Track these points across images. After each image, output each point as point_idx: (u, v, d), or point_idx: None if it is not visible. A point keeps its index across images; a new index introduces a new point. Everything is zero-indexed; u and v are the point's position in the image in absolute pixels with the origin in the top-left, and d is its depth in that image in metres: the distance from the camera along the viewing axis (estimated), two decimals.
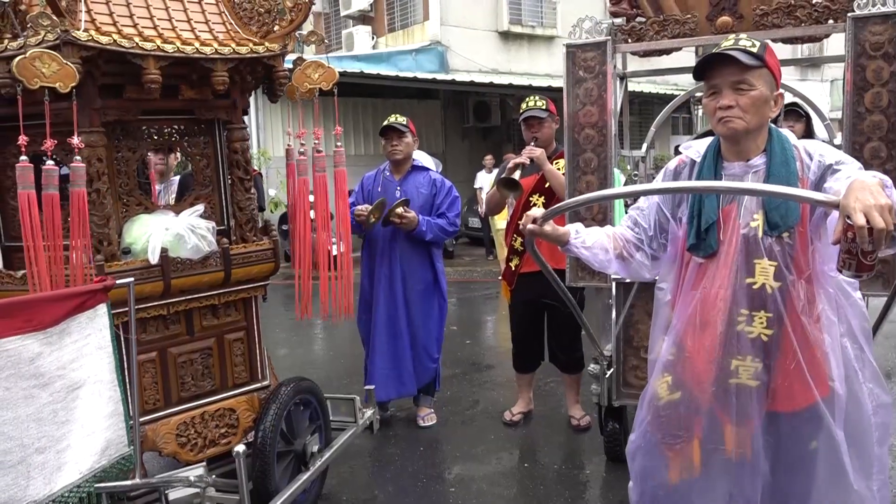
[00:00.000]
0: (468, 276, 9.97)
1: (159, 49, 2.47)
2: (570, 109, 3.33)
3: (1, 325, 1.90)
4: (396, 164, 4.14)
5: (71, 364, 2.05)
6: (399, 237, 4.05)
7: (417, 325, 4.11)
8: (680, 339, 1.95)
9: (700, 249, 1.95)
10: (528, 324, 4.16)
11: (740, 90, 1.88)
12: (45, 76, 2.17)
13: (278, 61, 2.83)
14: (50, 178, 2.25)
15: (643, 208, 2.15)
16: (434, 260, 4.16)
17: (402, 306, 4.08)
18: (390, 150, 4.08)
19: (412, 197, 4.07)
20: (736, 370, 1.89)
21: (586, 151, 3.33)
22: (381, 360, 4.10)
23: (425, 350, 4.14)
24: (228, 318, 2.93)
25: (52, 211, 2.24)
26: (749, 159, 1.96)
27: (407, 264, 4.08)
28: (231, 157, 2.92)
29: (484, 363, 5.66)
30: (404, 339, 4.10)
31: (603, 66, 3.26)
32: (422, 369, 4.16)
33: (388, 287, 4.07)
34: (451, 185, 4.19)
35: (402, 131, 4.05)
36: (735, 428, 1.89)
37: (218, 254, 2.77)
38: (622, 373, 3.40)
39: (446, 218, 4.08)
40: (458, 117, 14.08)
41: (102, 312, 2.14)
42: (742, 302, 1.88)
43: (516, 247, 4.06)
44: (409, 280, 4.08)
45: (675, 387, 1.96)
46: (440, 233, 4.05)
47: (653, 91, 14.16)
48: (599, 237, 2.11)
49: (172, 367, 2.76)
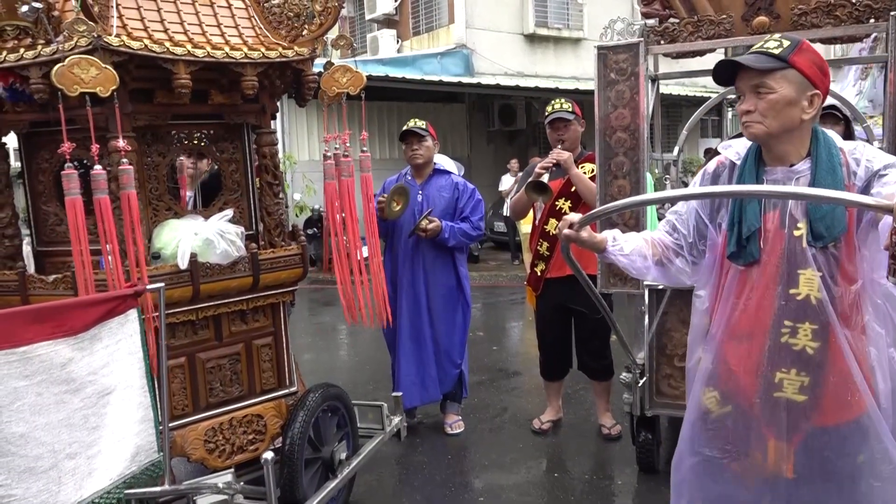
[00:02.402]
0: (494, 281, 9.94)
1: (190, 54, 2.49)
2: (602, 112, 3.29)
3: (33, 330, 1.91)
4: (418, 169, 4.14)
5: (102, 369, 2.06)
6: (421, 242, 4.05)
7: (441, 331, 4.10)
8: (721, 351, 1.91)
9: (741, 258, 1.91)
10: (556, 330, 4.13)
11: (759, 93, 1.85)
12: (84, 82, 2.19)
13: (307, 65, 2.83)
14: (97, 182, 2.27)
15: (681, 213, 2.11)
16: (457, 264, 4.15)
17: (426, 312, 4.08)
18: (411, 154, 4.09)
19: (434, 201, 4.07)
20: (780, 383, 1.84)
21: (618, 155, 3.30)
22: (406, 367, 4.09)
23: (447, 355, 4.13)
24: (256, 324, 2.93)
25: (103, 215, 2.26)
26: (792, 164, 1.91)
27: (430, 269, 4.07)
28: (260, 162, 2.93)
29: (511, 369, 5.63)
30: (428, 346, 4.09)
31: (635, 68, 3.23)
32: (445, 375, 4.14)
33: (411, 293, 4.07)
34: (473, 188, 4.18)
35: (422, 135, 4.06)
36: (778, 443, 1.85)
37: (246, 259, 2.78)
38: (655, 382, 3.35)
39: (469, 222, 4.07)
40: (484, 121, 14.06)
41: (133, 318, 2.15)
42: (786, 313, 1.83)
43: (542, 252, 4.03)
44: (432, 285, 4.07)
45: (725, 401, 1.92)
46: (463, 238, 4.04)
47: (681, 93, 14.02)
48: (637, 244, 2.07)
49: (201, 372, 2.77)
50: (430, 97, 12.83)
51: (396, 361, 4.15)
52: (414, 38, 14.37)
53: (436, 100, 13.09)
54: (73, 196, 2.25)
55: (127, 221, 2.33)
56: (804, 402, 1.84)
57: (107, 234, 2.28)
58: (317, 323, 7.74)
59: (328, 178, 2.99)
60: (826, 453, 1.84)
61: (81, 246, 2.25)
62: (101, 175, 2.28)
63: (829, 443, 1.84)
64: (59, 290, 2.52)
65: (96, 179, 2.27)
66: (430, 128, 4.13)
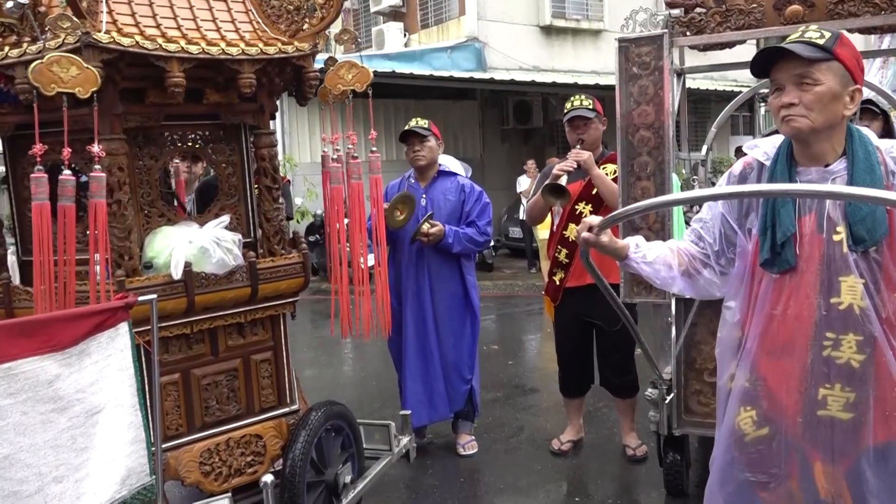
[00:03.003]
0: (509, 291, 9.92)
1: (183, 50, 2.51)
2: (624, 109, 3.29)
3: (18, 345, 1.92)
4: (421, 171, 4.15)
5: (91, 387, 2.07)
6: (426, 249, 4.05)
7: (448, 344, 4.10)
8: (756, 366, 1.90)
9: (775, 265, 1.89)
10: (576, 343, 4.11)
11: (804, 86, 1.83)
12: (63, 81, 2.21)
13: (308, 62, 2.85)
14: (65, 188, 2.28)
15: (706, 220, 2.10)
16: (464, 272, 4.14)
17: (432, 324, 4.07)
18: (412, 156, 4.10)
19: (439, 204, 4.08)
20: (824, 400, 1.82)
21: (642, 155, 3.29)
22: (413, 384, 4.09)
23: (456, 370, 4.12)
24: (255, 337, 2.94)
25: (66, 223, 2.27)
26: (827, 164, 1.90)
27: (435, 279, 4.07)
28: (258, 165, 2.94)
29: (528, 386, 5.61)
30: (435, 360, 4.09)
31: (659, 62, 3.22)
32: (454, 391, 4.14)
33: (416, 304, 4.07)
34: (480, 190, 4.18)
35: (423, 135, 4.06)
36: (825, 466, 1.82)
37: (244, 268, 2.79)
38: (684, 398, 3.33)
39: (476, 227, 4.06)
40: (497, 119, 14.07)
41: (124, 331, 2.16)
42: (827, 324, 1.82)
43: (560, 259, 4.02)
44: (438, 296, 4.07)
45: (763, 421, 1.90)
46: (469, 244, 4.03)
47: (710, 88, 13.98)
48: (662, 252, 2.05)
49: (196, 389, 2.78)
50: (439, 94, 12.86)
51: (402, 378, 4.15)
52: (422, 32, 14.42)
53: (446, 97, 13.11)
54: (39, 201, 2.27)
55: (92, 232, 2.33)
56: (851, 419, 1.81)
57: (66, 243, 2.29)
58: (319, 336, 7.75)
59: (335, 182, 3.00)
60: (882, 474, 1.82)
61: (42, 256, 2.26)
62: (69, 181, 2.30)
63: (886, 462, 1.82)
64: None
65: (63, 185, 2.29)
66: (434, 127, 4.14)
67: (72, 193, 2.29)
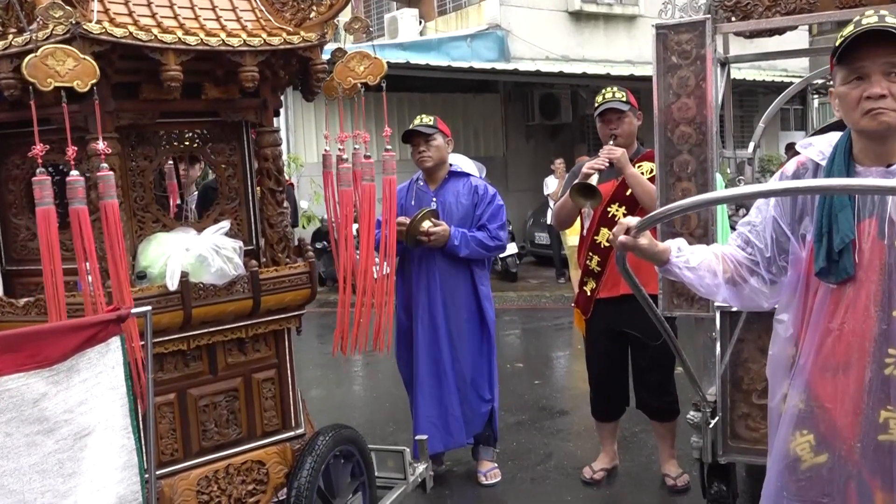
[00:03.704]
0: (535, 303, 9.91)
1: (180, 41, 2.53)
2: (662, 103, 3.29)
3: (3, 360, 1.95)
4: (429, 173, 4.17)
5: (79, 407, 2.09)
6: (437, 257, 4.05)
7: (464, 362, 4.10)
8: (811, 386, 1.89)
9: (832, 274, 1.88)
10: (609, 361, 4.10)
11: (894, 76, 1.81)
12: (59, 75, 2.24)
13: (316, 53, 2.86)
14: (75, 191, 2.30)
15: (756, 223, 2.09)
16: (477, 282, 4.15)
17: (445, 341, 4.07)
18: (418, 157, 4.11)
19: (451, 208, 4.08)
20: (885, 424, 1.81)
21: (682, 153, 3.28)
22: (426, 406, 4.08)
23: (475, 389, 4.12)
24: (257, 355, 2.96)
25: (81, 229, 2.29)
26: (890, 164, 1.88)
27: (448, 291, 4.08)
28: (261, 166, 2.96)
29: (556, 408, 5.60)
30: (449, 380, 4.08)
31: (701, 51, 3.22)
32: (472, 413, 4.13)
33: (427, 318, 4.07)
34: (494, 192, 4.20)
35: (429, 134, 4.07)
36: (885, 495, 1.81)
37: (246, 278, 2.81)
38: (730, 422, 3.31)
39: (486, 230, 4.07)
40: (522, 114, 14.09)
41: (115, 347, 2.18)
42: (889, 340, 1.80)
43: (592, 267, 4.01)
44: (451, 309, 4.08)
45: (821, 447, 1.89)
46: (478, 247, 4.03)
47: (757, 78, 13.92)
48: (706, 256, 2.05)
49: (193, 411, 2.80)
50: (458, 87, 12.89)
51: (414, 400, 4.15)
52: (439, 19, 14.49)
53: (465, 90, 13.15)
54: (45, 206, 2.29)
55: (108, 236, 2.36)
56: None
57: (86, 250, 2.31)
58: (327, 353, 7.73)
59: (344, 185, 3.01)
60: None
61: (54, 265, 2.29)
62: (78, 182, 2.32)
63: None
64: (30, 316, 2.56)
65: (73, 187, 2.31)
66: (441, 123, 4.15)
67: (83, 195, 2.32)
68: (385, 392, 6.18)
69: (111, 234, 2.35)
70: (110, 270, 2.40)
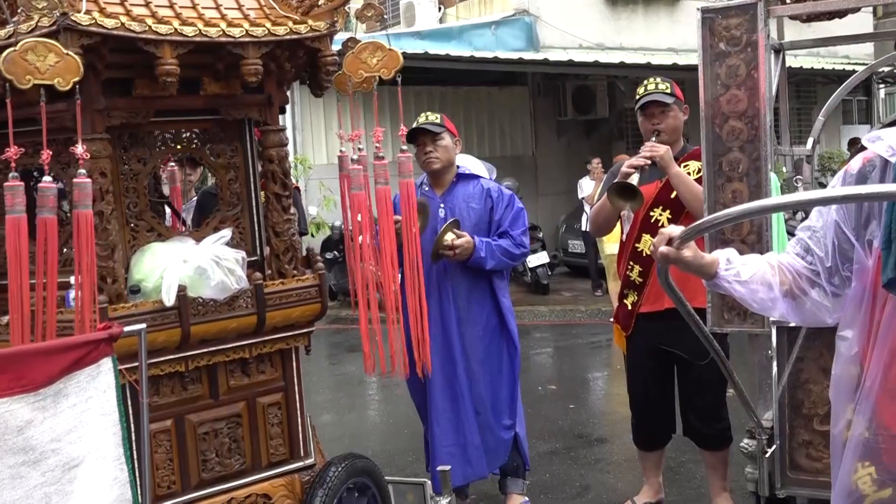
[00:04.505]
0: (569, 318, 9.88)
1: (177, 32, 2.55)
2: (709, 95, 3.28)
3: None
4: (435, 176, 4.17)
5: (68, 435, 2.11)
6: (450, 268, 4.05)
7: (483, 384, 4.07)
8: (878, 410, 1.87)
9: None
10: (653, 383, 4.08)
11: None
12: (40, 72, 2.27)
13: (325, 43, 2.88)
14: (46, 198, 2.33)
15: (816, 228, 2.07)
16: (498, 295, 4.13)
17: (461, 360, 4.05)
18: (424, 158, 4.11)
19: (462, 215, 4.07)
20: None
21: (732, 150, 3.27)
22: (441, 434, 4.05)
23: (495, 415, 4.09)
24: (262, 377, 2.97)
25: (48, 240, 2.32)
26: None
27: (464, 305, 4.06)
28: (265, 168, 2.98)
29: (594, 435, 5.58)
30: (466, 404, 4.05)
31: (752, 36, 3.21)
32: (494, 441, 4.10)
33: (440, 335, 4.04)
34: (511, 194, 4.20)
35: (436, 133, 4.07)
36: None
37: (249, 292, 2.82)
38: (788, 451, 3.29)
39: (510, 237, 4.06)
40: (553, 108, 14.08)
41: (107, 369, 2.19)
42: None
43: (633, 278, 3.99)
44: (468, 325, 4.06)
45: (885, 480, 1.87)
46: (504, 257, 4.02)
47: (815, 67, 13.83)
48: (760, 268, 2.03)
49: (191, 439, 2.81)
50: (482, 79, 12.91)
51: (430, 427, 4.12)
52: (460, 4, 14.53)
53: (490, 82, 13.17)
54: (15, 214, 2.32)
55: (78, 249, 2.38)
56: None
57: (46, 262, 2.33)
58: (339, 374, 7.80)
59: (356, 188, 3.02)
60: None
61: (21, 279, 2.31)
62: (49, 190, 2.35)
63: None
64: None
65: (44, 194, 2.34)
66: (448, 122, 4.16)
67: (54, 204, 2.34)
68: (403, 417, 6.17)
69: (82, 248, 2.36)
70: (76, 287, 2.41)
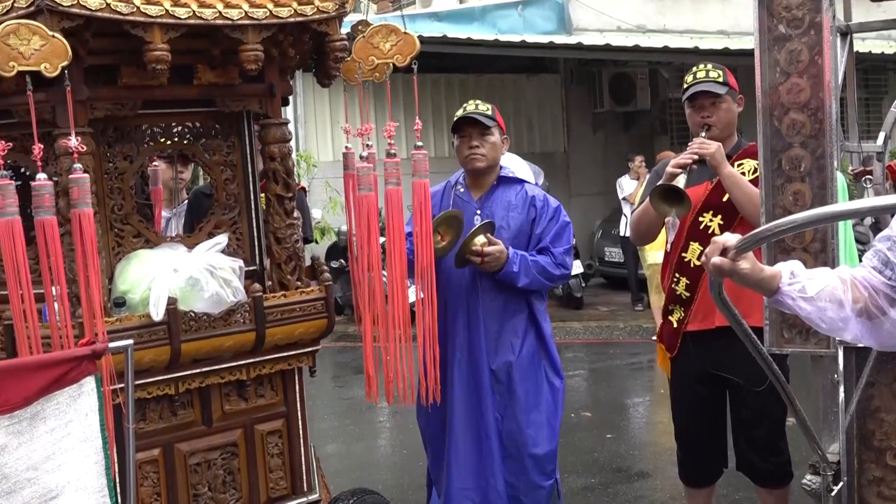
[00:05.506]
0: (606, 336, 9.86)
1: (168, 14, 2.57)
2: (767, 84, 3.27)
3: None
4: (476, 176, 4.09)
5: (45, 463, 2.13)
6: (482, 282, 3.96)
7: (514, 421, 3.96)
8: None
9: None
10: (702, 410, 4.06)
11: None
12: (24, 57, 2.29)
13: (333, 27, 2.89)
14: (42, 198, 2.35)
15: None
16: (538, 318, 4.02)
17: (489, 390, 3.93)
18: (469, 154, 4.01)
19: (499, 224, 3.96)
20: None
21: (793, 147, 3.26)
22: (460, 475, 3.96)
23: (532, 459, 3.98)
24: (261, 401, 2.98)
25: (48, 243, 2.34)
26: None
27: (495, 325, 3.97)
28: (266, 167, 3.00)
29: (635, 469, 5.55)
30: (492, 443, 3.92)
31: (816, 17, 3.20)
32: (527, 487, 3.99)
33: (466, 361, 3.94)
34: (557, 205, 4.09)
35: (486, 126, 4.00)
36: None
37: (247, 306, 2.84)
38: (857, 489, 3.26)
39: (550, 254, 3.96)
40: (588, 99, 14.07)
41: (89, 389, 2.21)
42: None
43: (679, 292, 3.98)
44: (499, 350, 3.96)
45: None
46: (541, 276, 3.92)
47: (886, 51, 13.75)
48: (829, 283, 2.03)
49: (181, 471, 2.82)
50: (507, 66, 12.92)
51: (443, 464, 4.07)
52: None
53: (516, 70, 13.17)
54: (7, 217, 2.35)
55: (80, 253, 2.40)
56: None
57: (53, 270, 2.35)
58: (346, 398, 7.80)
59: (364, 189, 3.03)
60: None
61: (22, 288, 2.33)
62: (45, 188, 2.37)
63: None
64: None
65: (39, 193, 2.36)
66: (498, 115, 4.10)
67: (51, 203, 2.37)
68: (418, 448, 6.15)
69: (85, 251, 2.39)
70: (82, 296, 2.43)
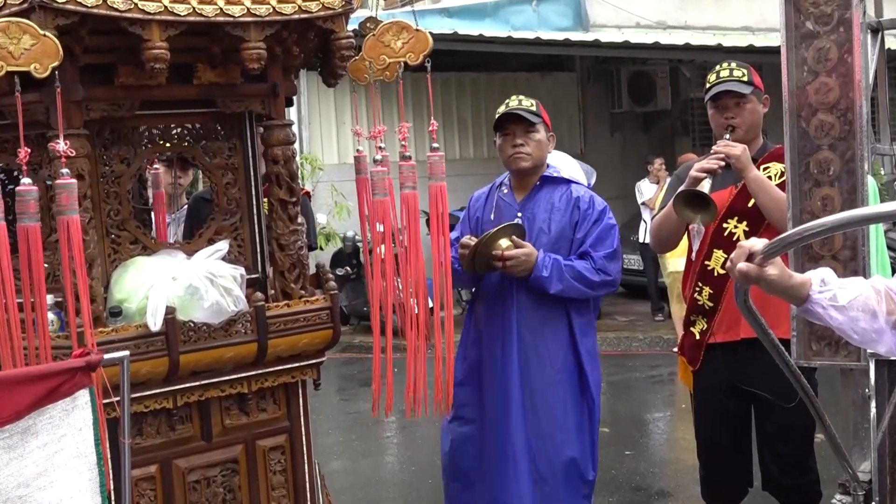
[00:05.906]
0: (624, 347, 9.84)
1: (167, 11, 2.57)
2: (793, 83, 3.27)
3: None
4: (520, 176, 4.02)
5: (37, 480, 2.13)
6: (518, 293, 3.88)
7: (549, 442, 3.92)
8: None
9: None
10: (726, 426, 4.05)
11: None
12: (13, 57, 2.30)
13: (339, 24, 2.89)
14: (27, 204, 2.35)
15: None
16: (577, 332, 3.95)
17: (519, 408, 3.85)
18: (513, 153, 3.94)
19: (540, 227, 3.92)
20: None
21: (821, 149, 3.26)
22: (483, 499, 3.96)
23: (567, 483, 3.85)
24: (263, 415, 2.98)
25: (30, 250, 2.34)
26: None
27: (531, 337, 3.89)
28: (269, 170, 3.00)
29: (655, 487, 5.56)
30: (520, 466, 3.86)
31: (845, 13, 3.20)
32: None
33: (498, 374, 3.91)
34: (604, 206, 4.02)
35: (531, 123, 3.94)
36: None
37: (248, 316, 2.83)
38: None
39: (590, 259, 3.90)
40: (605, 98, 14.06)
41: (84, 402, 2.21)
42: None
43: (702, 302, 3.97)
44: (534, 364, 3.90)
45: None
46: (576, 282, 3.84)
47: None
48: (862, 292, 2.02)
49: (180, 488, 2.82)
50: (521, 64, 12.93)
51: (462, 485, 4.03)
52: None
53: (531, 68, 13.18)
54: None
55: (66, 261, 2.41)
56: None
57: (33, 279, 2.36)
58: (352, 412, 7.80)
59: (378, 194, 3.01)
60: None
61: (6, 298, 2.33)
62: (29, 193, 2.37)
63: None
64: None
65: (23, 199, 2.36)
66: (543, 111, 4.02)
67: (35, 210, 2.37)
68: (427, 464, 6.16)
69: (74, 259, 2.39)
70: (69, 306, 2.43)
